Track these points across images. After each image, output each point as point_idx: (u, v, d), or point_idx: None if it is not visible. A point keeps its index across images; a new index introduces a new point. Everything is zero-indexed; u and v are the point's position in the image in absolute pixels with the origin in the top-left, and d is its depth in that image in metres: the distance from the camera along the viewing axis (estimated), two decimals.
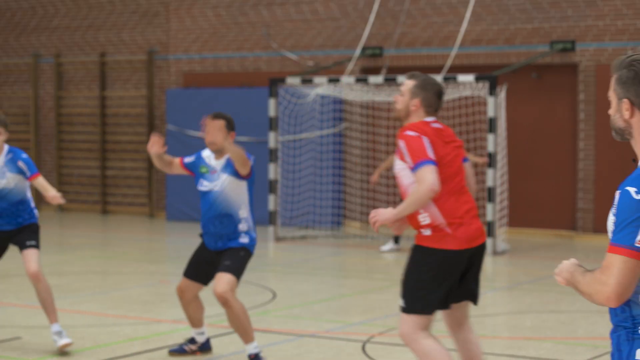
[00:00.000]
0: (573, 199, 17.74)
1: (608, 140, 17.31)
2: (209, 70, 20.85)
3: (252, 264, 9.41)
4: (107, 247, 17.50)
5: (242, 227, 8.39)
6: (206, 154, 8.55)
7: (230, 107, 19.77)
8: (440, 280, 6.37)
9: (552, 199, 17.95)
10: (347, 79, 17.15)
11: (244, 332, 8.16)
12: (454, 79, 16.11)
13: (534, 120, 17.99)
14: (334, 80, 17.20)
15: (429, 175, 6.22)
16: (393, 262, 14.96)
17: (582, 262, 3.91)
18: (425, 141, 6.32)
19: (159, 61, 21.50)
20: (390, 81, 16.87)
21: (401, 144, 6.35)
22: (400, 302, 6.44)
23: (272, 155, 17.46)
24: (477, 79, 15.97)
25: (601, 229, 17.36)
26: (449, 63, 17.66)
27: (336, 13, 19.53)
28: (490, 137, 15.78)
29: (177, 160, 8.66)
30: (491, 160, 15.74)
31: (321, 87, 17.40)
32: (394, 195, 17.41)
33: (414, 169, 6.29)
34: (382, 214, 6.39)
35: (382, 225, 6.43)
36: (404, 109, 6.50)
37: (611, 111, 3.74)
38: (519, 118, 17.94)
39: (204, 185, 8.51)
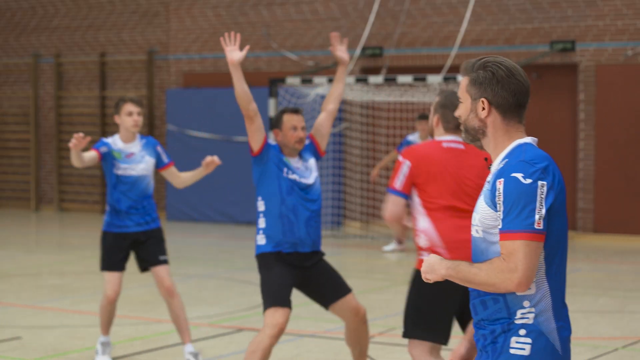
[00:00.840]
0: (573, 199, 17.74)
1: (608, 140, 17.31)
2: (209, 70, 20.85)
3: (251, 264, 9.39)
4: None
5: None
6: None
7: (230, 107, 19.77)
8: (440, 305, 6.25)
9: None
10: (347, 79, 17.15)
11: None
12: (454, 79, 16.11)
13: (534, 121, 17.99)
14: (334, 80, 17.18)
15: (389, 205, 6.25)
16: (393, 262, 14.96)
17: (582, 262, 3.92)
18: (405, 167, 6.27)
19: (159, 61, 21.50)
20: (390, 81, 16.87)
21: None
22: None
23: None
24: None
25: (601, 229, 17.37)
26: (449, 63, 17.66)
27: (336, 13, 19.54)
28: None
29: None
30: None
31: (321, 87, 17.41)
32: None
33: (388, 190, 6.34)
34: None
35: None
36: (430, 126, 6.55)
37: (462, 112, 3.92)
38: None
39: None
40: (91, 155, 8.25)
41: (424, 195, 6.21)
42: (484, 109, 3.87)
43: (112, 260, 8.32)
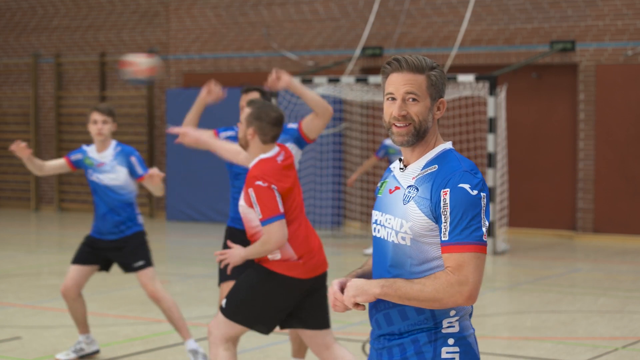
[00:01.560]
0: (573, 199, 17.73)
1: (608, 140, 17.30)
2: (209, 70, 20.84)
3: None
4: None
5: None
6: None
7: (230, 107, 19.77)
8: (276, 303, 6.32)
9: (552, 199, 17.95)
10: (347, 79, 17.15)
11: None
12: (454, 79, 16.11)
13: (534, 120, 17.99)
14: (333, 80, 17.20)
15: (279, 232, 6.20)
16: None
17: (582, 262, 3.92)
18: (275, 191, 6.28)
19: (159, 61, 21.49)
20: None
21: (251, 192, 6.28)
22: (223, 302, 6.33)
23: None
24: (477, 79, 15.97)
25: (601, 229, 17.36)
26: (449, 63, 17.66)
27: (336, 13, 19.53)
28: (490, 137, 15.78)
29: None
30: (491, 160, 15.74)
31: (321, 87, 17.40)
32: None
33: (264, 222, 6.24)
34: (233, 256, 6.33)
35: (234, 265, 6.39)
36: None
37: (420, 112, 3.71)
38: (519, 118, 17.93)
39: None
40: (59, 163, 8.49)
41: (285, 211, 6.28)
42: (439, 109, 3.78)
43: (77, 255, 8.47)
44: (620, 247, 16.61)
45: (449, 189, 3.62)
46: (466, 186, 3.62)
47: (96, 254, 8.46)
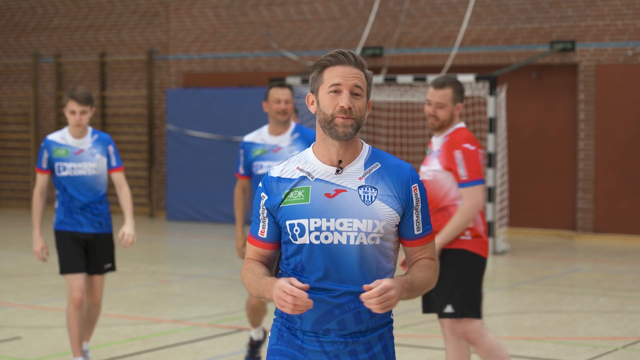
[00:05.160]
0: (573, 199, 17.73)
1: (608, 140, 17.30)
2: (209, 70, 20.85)
3: None
4: None
5: None
6: None
7: (230, 107, 19.78)
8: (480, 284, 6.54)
9: (552, 199, 17.95)
10: None
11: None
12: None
13: (534, 120, 17.99)
14: None
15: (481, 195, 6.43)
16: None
17: (582, 262, 3.92)
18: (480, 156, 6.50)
19: (159, 61, 21.50)
20: (390, 81, 16.86)
21: (458, 153, 6.38)
22: (449, 308, 6.44)
23: None
24: (477, 79, 15.97)
25: (601, 229, 17.36)
26: (449, 63, 17.65)
27: (336, 13, 19.53)
28: (490, 137, 15.78)
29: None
30: (491, 160, 15.74)
31: None
32: None
33: (465, 184, 6.38)
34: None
35: None
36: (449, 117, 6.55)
37: (361, 106, 3.73)
38: (519, 118, 17.94)
39: None
40: (43, 184, 8.09)
41: None
42: (367, 109, 3.84)
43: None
44: (620, 247, 16.61)
45: (417, 184, 3.75)
46: (419, 180, 3.79)
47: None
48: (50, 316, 10.51)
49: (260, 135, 7.99)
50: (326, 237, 3.69)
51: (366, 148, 3.79)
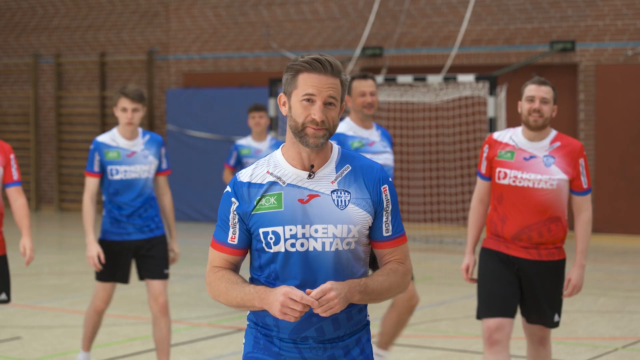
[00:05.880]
0: None
1: (608, 140, 17.30)
2: (209, 70, 20.85)
3: None
4: None
5: None
6: None
7: (230, 107, 19.78)
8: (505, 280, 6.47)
9: None
10: (347, 79, 17.11)
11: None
12: (454, 79, 16.10)
13: None
14: None
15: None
16: None
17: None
18: None
19: (159, 61, 21.50)
20: (390, 81, 16.86)
21: (582, 161, 6.25)
22: (556, 318, 6.39)
23: None
24: (477, 79, 15.97)
25: (601, 229, 17.36)
26: (449, 63, 17.66)
27: (336, 13, 19.53)
28: None
29: None
30: None
31: None
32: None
33: (587, 192, 6.32)
34: (579, 279, 6.33)
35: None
36: (549, 116, 6.36)
37: (334, 116, 3.63)
38: (519, 118, 17.92)
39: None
40: (93, 188, 7.53)
41: None
42: (340, 111, 3.77)
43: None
44: (620, 247, 16.60)
45: (387, 185, 3.67)
46: (390, 180, 3.71)
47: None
48: (50, 316, 10.51)
49: (352, 129, 7.48)
50: (302, 245, 3.60)
51: (336, 149, 3.70)
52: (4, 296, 7.13)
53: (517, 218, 6.16)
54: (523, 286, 6.28)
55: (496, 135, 6.42)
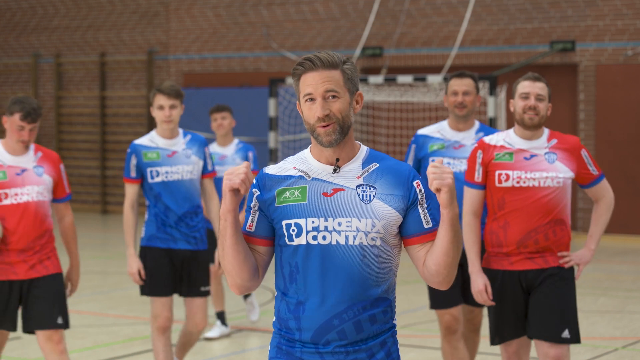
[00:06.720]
0: (573, 199, 17.73)
1: (608, 140, 17.31)
2: (209, 70, 20.85)
3: None
4: (107, 247, 17.50)
5: None
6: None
7: (231, 107, 19.76)
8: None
9: None
10: None
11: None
12: None
13: None
14: None
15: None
16: None
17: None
18: None
19: (159, 61, 21.50)
20: (390, 81, 16.86)
21: (584, 152, 5.97)
22: (566, 333, 5.87)
23: (272, 155, 17.47)
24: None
25: None
26: (449, 63, 17.66)
27: (336, 13, 19.54)
28: None
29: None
30: None
31: None
32: None
33: (599, 178, 6.06)
34: (583, 258, 6.10)
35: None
36: (545, 114, 5.99)
37: (342, 108, 3.61)
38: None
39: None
40: (133, 195, 7.11)
41: None
42: (358, 102, 3.70)
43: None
44: (620, 247, 16.61)
45: (419, 180, 3.66)
46: (420, 177, 3.69)
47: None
48: None
49: (439, 130, 6.90)
50: (324, 237, 3.59)
51: (364, 149, 3.71)
52: (60, 320, 6.52)
53: (521, 222, 5.83)
54: (531, 299, 5.93)
55: (487, 139, 6.01)
